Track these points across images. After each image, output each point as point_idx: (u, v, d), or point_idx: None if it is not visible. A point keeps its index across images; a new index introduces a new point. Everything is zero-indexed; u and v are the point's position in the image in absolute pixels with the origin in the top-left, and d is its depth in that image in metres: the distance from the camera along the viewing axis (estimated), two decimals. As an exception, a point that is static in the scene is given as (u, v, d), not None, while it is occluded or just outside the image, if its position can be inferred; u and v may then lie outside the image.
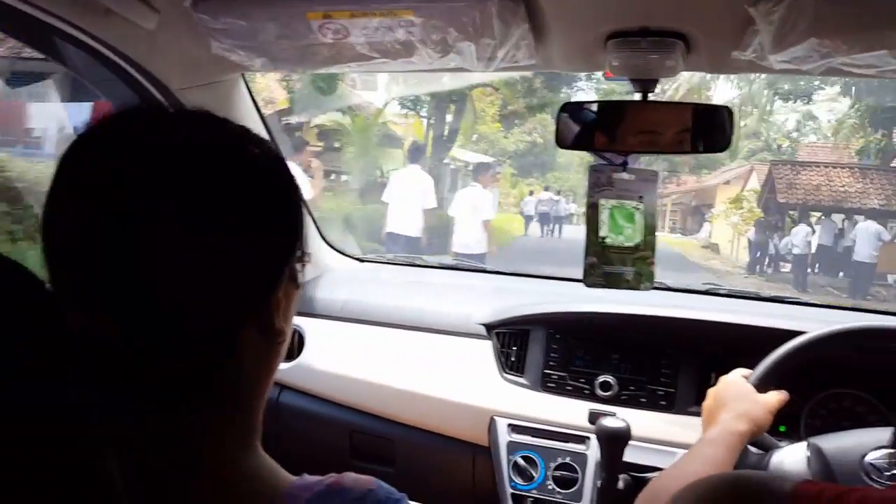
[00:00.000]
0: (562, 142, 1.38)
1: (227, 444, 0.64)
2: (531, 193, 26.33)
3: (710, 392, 1.33)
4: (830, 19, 1.00)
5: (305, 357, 1.97)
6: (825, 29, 1.00)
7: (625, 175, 1.32)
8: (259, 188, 0.65)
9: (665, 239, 24.72)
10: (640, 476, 1.50)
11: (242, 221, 0.63)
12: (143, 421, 0.60)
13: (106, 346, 0.58)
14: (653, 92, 1.29)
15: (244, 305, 0.64)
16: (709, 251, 22.97)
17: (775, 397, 1.27)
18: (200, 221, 0.60)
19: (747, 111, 23.28)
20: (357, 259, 2.38)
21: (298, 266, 0.70)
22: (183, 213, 0.59)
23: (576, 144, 1.42)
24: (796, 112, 24.67)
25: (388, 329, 1.96)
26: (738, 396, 1.26)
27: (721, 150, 1.33)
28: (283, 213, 0.68)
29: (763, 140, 25.92)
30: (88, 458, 0.50)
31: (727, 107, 1.30)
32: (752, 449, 1.29)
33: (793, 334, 1.39)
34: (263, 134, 0.70)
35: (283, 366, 1.93)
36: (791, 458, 1.23)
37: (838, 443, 1.20)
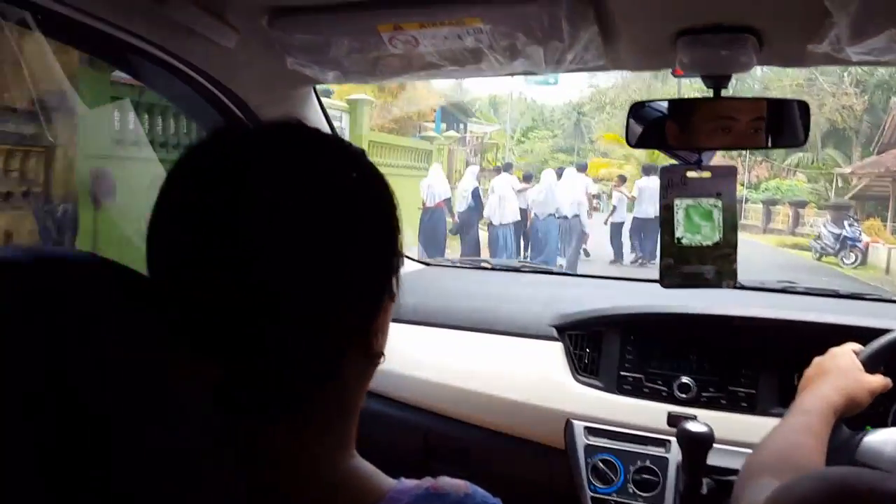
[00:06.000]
0: (632, 141, 1.38)
1: (327, 450, 0.64)
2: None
3: (816, 361, 1.29)
4: (910, 8, 0.97)
5: (378, 361, 1.98)
6: (906, 18, 0.97)
7: (699, 173, 1.30)
8: (361, 211, 0.63)
9: None
10: (722, 479, 1.47)
11: (348, 246, 0.61)
12: (248, 433, 0.60)
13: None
14: (725, 88, 1.27)
15: (350, 333, 0.63)
16: None
17: (879, 381, 1.22)
18: (309, 251, 0.58)
19: None
20: (424, 263, 2.40)
21: (394, 281, 0.67)
22: (290, 242, 0.57)
23: (647, 143, 1.42)
24: None
25: (458, 332, 1.96)
26: (842, 370, 1.22)
27: (796, 146, 1.30)
28: (384, 233, 0.66)
29: None
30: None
31: (802, 101, 1.28)
32: (845, 427, 1.24)
33: (879, 332, 1.34)
34: None
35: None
36: (888, 442, 1.18)
37: None
